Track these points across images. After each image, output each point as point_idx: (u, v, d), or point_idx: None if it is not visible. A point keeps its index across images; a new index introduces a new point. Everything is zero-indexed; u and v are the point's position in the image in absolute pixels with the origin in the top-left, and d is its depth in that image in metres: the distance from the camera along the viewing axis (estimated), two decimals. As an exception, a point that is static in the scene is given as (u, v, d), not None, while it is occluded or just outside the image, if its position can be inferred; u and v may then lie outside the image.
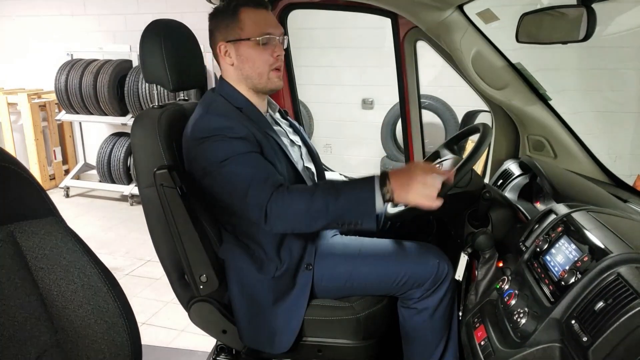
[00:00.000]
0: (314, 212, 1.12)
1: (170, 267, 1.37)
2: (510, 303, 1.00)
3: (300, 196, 1.14)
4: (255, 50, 1.27)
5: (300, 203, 1.13)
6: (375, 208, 1.11)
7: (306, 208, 1.13)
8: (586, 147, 1.53)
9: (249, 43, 1.27)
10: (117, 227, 3.81)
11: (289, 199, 1.13)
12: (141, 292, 2.75)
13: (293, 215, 1.14)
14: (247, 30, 1.26)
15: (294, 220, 1.15)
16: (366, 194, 1.11)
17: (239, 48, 1.28)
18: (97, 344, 0.76)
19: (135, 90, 4.05)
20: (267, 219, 1.14)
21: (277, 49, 1.29)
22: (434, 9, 1.46)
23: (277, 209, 1.13)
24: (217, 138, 1.20)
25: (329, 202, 1.12)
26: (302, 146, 1.47)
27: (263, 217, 1.14)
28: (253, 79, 1.31)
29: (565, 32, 1.26)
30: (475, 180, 1.30)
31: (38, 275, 0.71)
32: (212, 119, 1.23)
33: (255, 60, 1.28)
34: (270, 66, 1.29)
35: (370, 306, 1.33)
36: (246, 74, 1.30)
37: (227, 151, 1.19)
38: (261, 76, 1.30)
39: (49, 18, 4.72)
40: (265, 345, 1.32)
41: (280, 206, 1.13)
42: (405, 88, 1.94)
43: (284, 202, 1.13)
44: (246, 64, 1.29)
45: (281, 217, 1.14)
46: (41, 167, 4.62)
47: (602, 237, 0.93)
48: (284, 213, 1.14)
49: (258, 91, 1.34)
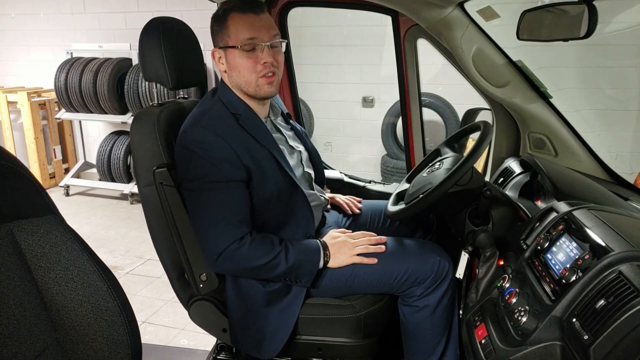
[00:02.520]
0: (264, 270, 1.23)
1: (170, 266, 1.37)
2: (511, 301, 1.00)
3: (259, 255, 1.22)
4: (240, 58, 1.24)
5: (256, 261, 1.22)
6: (317, 269, 1.28)
7: (261, 265, 1.22)
8: (587, 145, 1.53)
9: (235, 51, 1.24)
10: (117, 225, 3.81)
11: (246, 253, 1.21)
12: (141, 291, 2.75)
13: (243, 267, 1.24)
14: (232, 37, 1.23)
15: (242, 269, 1.25)
16: (313, 256, 1.27)
17: (228, 55, 1.26)
18: (96, 343, 0.76)
19: (135, 89, 4.04)
20: (217, 261, 1.22)
21: (264, 55, 1.23)
22: (435, 6, 1.46)
23: (231, 257, 1.21)
24: (198, 154, 1.20)
25: (283, 260, 1.23)
26: (303, 151, 1.46)
27: (214, 258, 1.22)
28: (242, 87, 1.28)
29: (567, 30, 1.26)
30: (476, 178, 1.30)
31: (37, 274, 0.71)
32: (200, 132, 1.21)
33: (241, 67, 1.25)
34: (258, 73, 1.25)
35: (370, 304, 1.33)
36: (235, 81, 1.28)
37: (205, 173, 1.20)
38: (249, 84, 1.27)
39: (48, 16, 4.71)
40: (253, 349, 1.32)
41: (236, 259, 1.21)
42: (405, 86, 1.94)
43: (240, 256, 1.21)
44: (234, 72, 1.27)
45: (232, 264, 1.23)
46: (41, 165, 4.61)
47: (603, 235, 0.92)
48: (235, 263, 1.23)
49: (252, 97, 1.31)
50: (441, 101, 4.00)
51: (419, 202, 1.26)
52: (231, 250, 1.19)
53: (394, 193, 1.53)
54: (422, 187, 1.34)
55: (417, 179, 1.45)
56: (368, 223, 1.63)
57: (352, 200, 1.67)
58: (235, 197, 1.22)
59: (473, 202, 1.29)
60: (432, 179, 1.32)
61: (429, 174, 1.39)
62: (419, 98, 1.97)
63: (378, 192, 1.93)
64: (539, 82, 1.54)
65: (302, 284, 1.28)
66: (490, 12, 1.52)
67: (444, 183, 1.20)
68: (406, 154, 2.06)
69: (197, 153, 1.20)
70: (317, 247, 1.28)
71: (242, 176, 1.23)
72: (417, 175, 1.48)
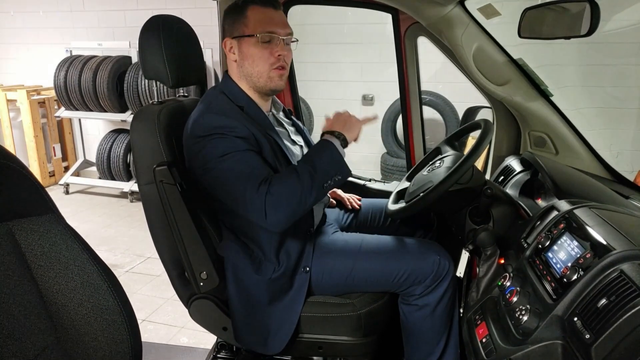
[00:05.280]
0: (305, 189, 1.16)
1: (170, 264, 1.37)
2: (512, 300, 1.00)
3: (288, 180, 1.16)
4: (256, 48, 1.26)
5: (291, 186, 1.16)
6: (342, 154, 1.24)
7: (299, 188, 1.15)
8: (588, 143, 1.53)
9: (251, 40, 1.26)
10: (117, 224, 3.81)
11: (280, 188, 1.15)
12: (141, 289, 2.75)
13: (289, 200, 1.15)
14: (250, 27, 1.25)
15: (291, 204, 1.16)
16: (329, 147, 1.22)
17: (242, 45, 1.28)
18: (96, 341, 0.76)
19: (135, 87, 4.04)
20: (267, 215, 1.15)
21: (279, 48, 1.27)
22: (435, 4, 1.45)
23: (273, 201, 1.14)
24: (216, 136, 1.20)
25: (311, 172, 1.17)
26: (303, 146, 1.46)
27: (263, 215, 1.15)
28: (252, 77, 1.29)
29: (569, 27, 1.25)
30: (477, 177, 1.30)
31: (37, 273, 0.71)
32: (213, 118, 1.22)
33: (255, 57, 1.27)
34: (271, 65, 1.27)
35: (370, 303, 1.33)
36: (246, 71, 1.29)
37: (226, 148, 1.19)
38: (260, 74, 1.28)
39: (47, 14, 4.70)
40: (258, 345, 1.32)
41: (277, 198, 1.14)
42: (406, 84, 1.93)
43: (279, 192, 1.14)
44: (246, 61, 1.28)
45: (278, 207, 1.15)
46: (41, 164, 4.61)
47: (604, 233, 0.92)
48: (279, 202, 1.15)
49: (259, 90, 1.32)
50: (441, 99, 4.00)
51: (420, 200, 1.26)
52: (269, 197, 1.14)
53: (394, 192, 1.52)
54: (422, 186, 1.33)
55: (417, 178, 1.45)
56: (368, 221, 1.63)
57: (352, 197, 1.68)
58: (258, 160, 1.21)
59: (473, 201, 1.29)
60: (433, 177, 1.32)
61: (430, 172, 1.39)
62: (419, 96, 1.97)
63: (378, 191, 1.94)
64: (539, 80, 1.53)
65: (344, 175, 1.23)
66: (491, 9, 1.52)
67: (444, 181, 1.20)
68: (406, 152, 2.05)
69: (213, 136, 1.20)
70: (326, 139, 1.25)
71: (258, 150, 1.24)
72: (418, 174, 1.48)
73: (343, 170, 1.22)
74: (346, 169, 1.23)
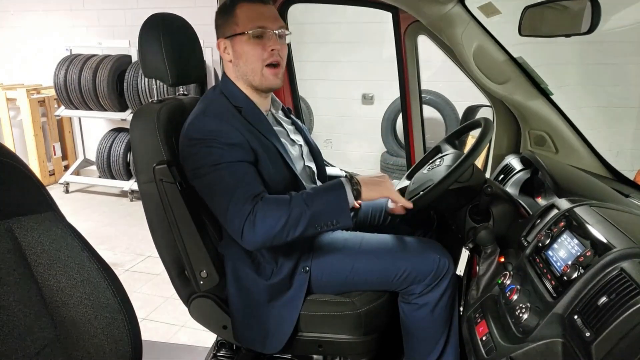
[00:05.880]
0: (291, 221, 1.14)
1: (170, 263, 1.37)
2: (512, 298, 1.00)
3: (277, 206, 1.14)
4: (248, 45, 1.25)
5: (277, 213, 1.13)
6: (348, 203, 1.17)
7: (285, 218, 1.13)
8: (588, 141, 1.53)
9: (243, 38, 1.25)
10: (117, 222, 3.81)
11: (266, 212, 1.13)
12: (141, 288, 2.75)
13: (271, 226, 1.13)
14: (240, 25, 1.24)
15: (270, 231, 1.14)
16: (338, 190, 1.18)
17: (235, 44, 1.27)
18: (97, 340, 0.76)
19: (135, 86, 4.03)
20: (243, 233, 1.14)
21: (271, 42, 1.25)
22: (435, 2, 1.45)
23: (254, 222, 1.13)
24: (210, 142, 1.19)
25: (304, 207, 1.14)
26: (303, 145, 1.46)
27: (240, 232, 1.14)
28: (248, 76, 1.28)
29: (569, 25, 1.25)
30: (477, 175, 1.30)
31: (37, 271, 0.71)
32: (209, 121, 1.21)
33: (249, 55, 1.25)
34: (264, 61, 1.25)
35: (370, 301, 1.32)
36: (242, 70, 1.29)
37: (217, 157, 1.18)
38: (254, 72, 1.27)
39: (47, 13, 4.69)
40: (258, 343, 1.32)
41: (259, 220, 1.13)
42: (406, 83, 1.93)
43: (263, 215, 1.13)
44: (240, 60, 1.27)
45: (258, 230, 1.13)
46: (40, 162, 4.61)
47: (604, 231, 0.92)
48: (260, 225, 1.13)
49: (256, 88, 1.31)
50: (441, 98, 4.00)
51: (420, 199, 1.26)
52: (252, 216, 1.13)
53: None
54: (422, 184, 1.33)
55: (417, 176, 1.45)
56: (368, 220, 1.63)
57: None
58: (248, 173, 1.19)
59: (474, 199, 1.29)
60: (433, 176, 1.32)
61: (430, 171, 1.39)
62: (419, 95, 1.97)
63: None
64: (539, 78, 1.53)
65: (342, 224, 1.18)
66: (491, 8, 1.52)
67: (444, 180, 1.20)
68: (406, 151, 2.05)
69: (208, 141, 1.19)
70: (340, 181, 1.19)
71: (252, 159, 1.23)
72: (418, 173, 1.48)
73: (343, 218, 1.17)
74: (346, 218, 1.17)
